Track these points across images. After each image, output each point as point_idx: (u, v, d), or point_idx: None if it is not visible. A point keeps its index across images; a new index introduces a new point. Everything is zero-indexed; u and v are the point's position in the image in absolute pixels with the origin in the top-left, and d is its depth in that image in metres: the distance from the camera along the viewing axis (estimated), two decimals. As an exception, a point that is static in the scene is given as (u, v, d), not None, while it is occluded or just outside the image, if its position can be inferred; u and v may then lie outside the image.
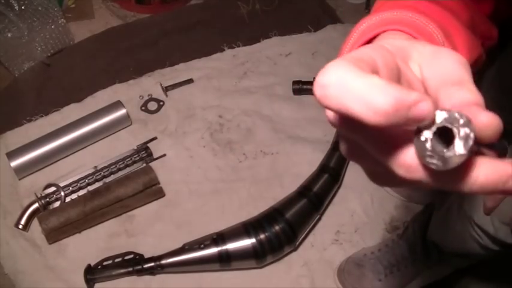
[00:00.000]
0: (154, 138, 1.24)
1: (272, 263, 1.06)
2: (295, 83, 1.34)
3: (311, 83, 1.33)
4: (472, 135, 0.23)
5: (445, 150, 0.23)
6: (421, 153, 0.24)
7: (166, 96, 1.33)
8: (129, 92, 1.33)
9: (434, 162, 0.23)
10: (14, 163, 1.13)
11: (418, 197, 1.17)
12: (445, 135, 0.23)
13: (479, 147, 0.25)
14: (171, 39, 1.46)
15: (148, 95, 1.32)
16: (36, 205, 1.09)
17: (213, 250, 1.00)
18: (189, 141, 1.25)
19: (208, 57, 1.42)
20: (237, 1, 1.54)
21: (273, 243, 1.01)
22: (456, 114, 0.23)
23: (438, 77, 0.26)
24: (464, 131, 0.23)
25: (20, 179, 1.16)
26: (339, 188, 1.17)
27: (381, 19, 0.32)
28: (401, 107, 0.21)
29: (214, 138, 1.26)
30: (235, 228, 1.03)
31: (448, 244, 0.88)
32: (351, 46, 0.33)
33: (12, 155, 1.13)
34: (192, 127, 1.28)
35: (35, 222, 1.08)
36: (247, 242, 1.00)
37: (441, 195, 1.09)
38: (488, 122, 0.23)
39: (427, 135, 0.23)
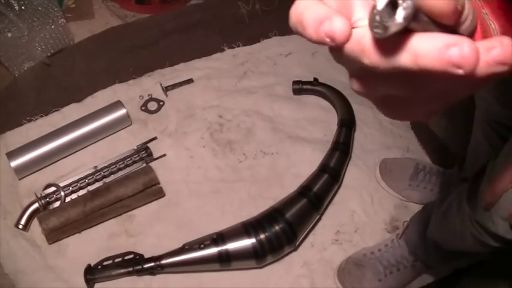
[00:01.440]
0: (154, 138, 1.24)
1: (272, 263, 1.06)
2: (295, 83, 1.34)
3: (311, 83, 1.33)
4: (410, 4, 0.23)
5: (387, 20, 0.24)
6: (371, 24, 0.25)
7: (166, 96, 1.33)
8: (129, 92, 1.33)
9: (377, 31, 0.24)
10: (14, 163, 1.13)
11: (418, 197, 1.17)
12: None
13: (431, 26, 0.25)
14: (171, 39, 1.46)
15: (148, 95, 1.32)
16: (36, 205, 1.09)
17: (213, 250, 1.00)
18: (189, 141, 1.25)
19: (208, 57, 1.43)
20: (237, 1, 1.54)
21: (273, 243, 1.01)
22: None
23: None
24: (406, 2, 0.24)
25: (20, 179, 1.16)
26: (339, 188, 1.17)
27: None
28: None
29: (214, 138, 1.26)
30: (235, 228, 1.03)
31: (448, 242, 0.88)
32: None
33: (12, 155, 1.13)
34: (192, 127, 1.28)
35: (35, 222, 1.08)
36: (247, 242, 1.00)
37: (441, 194, 1.09)
38: None
39: (378, 7, 0.25)
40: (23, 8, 1.31)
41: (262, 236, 1.00)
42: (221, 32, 1.48)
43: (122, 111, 1.23)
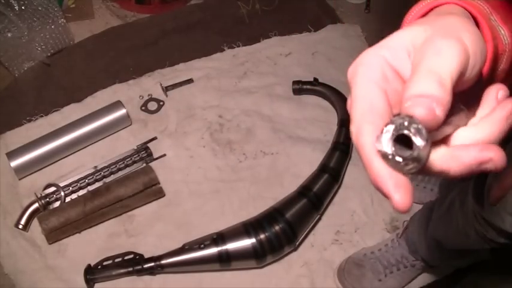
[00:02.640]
0: (154, 138, 1.24)
1: (272, 263, 1.06)
2: (295, 83, 1.34)
3: (311, 83, 1.33)
4: (420, 126, 0.25)
5: (410, 153, 0.25)
6: (398, 168, 0.26)
7: (166, 96, 1.33)
8: (129, 92, 1.33)
9: (411, 166, 0.26)
10: (14, 163, 1.13)
11: (418, 197, 1.17)
12: (401, 140, 0.26)
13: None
14: (171, 39, 1.46)
15: (148, 95, 1.32)
16: (36, 205, 1.09)
17: (213, 250, 1.00)
18: (189, 141, 1.25)
19: (208, 57, 1.43)
20: (237, 1, 1.54)
21: (273, 243, 1.01)
22: (399, 120, 0.25)
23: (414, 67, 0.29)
24: (413, 128, 0.25)
25: (20, 179, 1.16)
26: (339, 188, 1.17)
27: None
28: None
29: (214, 138, 1.26)
30: (235, 228, 1.03)
31: (449, 240, 0.87)
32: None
33: (12, 155, 1.13)
34: (192, 127, 1.28)
35: (35, 222, 1.08)
36: (247, 242, 1.00)
37: (441, 194, 1.09)
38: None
39: (389, 151, 0.26)
40: (23, 8, 1.31)
41: (262, 236, 1.00)
42: (221, 32, 1.48)
43: (121, 111, 1.23)
